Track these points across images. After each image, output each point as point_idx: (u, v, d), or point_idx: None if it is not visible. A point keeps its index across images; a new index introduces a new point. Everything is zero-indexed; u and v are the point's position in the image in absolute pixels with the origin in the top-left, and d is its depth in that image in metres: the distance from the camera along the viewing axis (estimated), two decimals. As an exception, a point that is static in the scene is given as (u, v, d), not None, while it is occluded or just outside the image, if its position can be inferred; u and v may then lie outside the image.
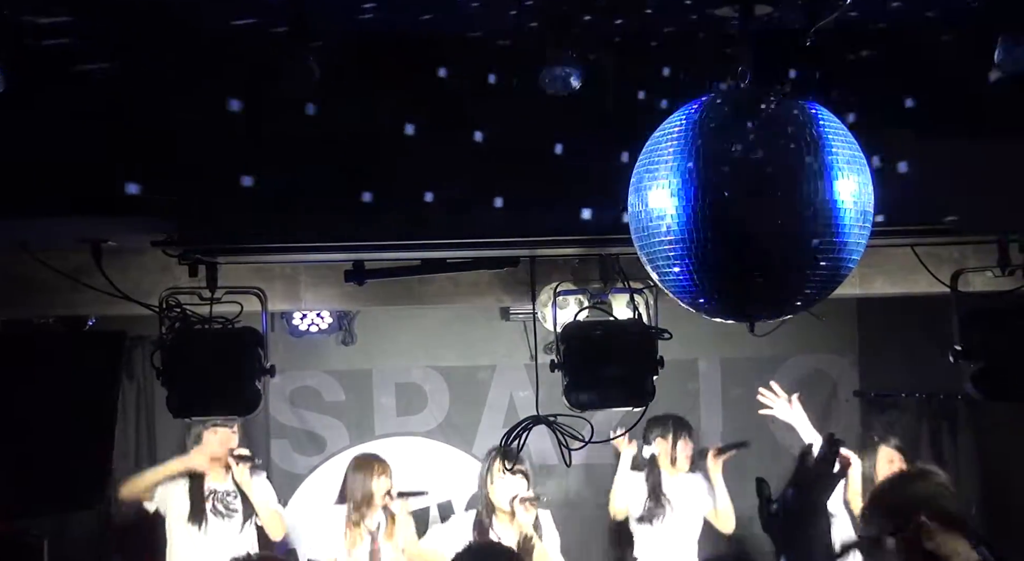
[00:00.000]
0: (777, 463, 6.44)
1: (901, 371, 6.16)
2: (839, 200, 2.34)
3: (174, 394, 3.96)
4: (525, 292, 4.57)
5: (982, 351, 4.02)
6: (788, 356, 6.46)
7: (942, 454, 6.03)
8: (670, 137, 2.44)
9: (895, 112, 3.32)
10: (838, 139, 2.38)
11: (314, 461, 6.38)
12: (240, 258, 4.09)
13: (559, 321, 4.26)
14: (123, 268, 4.12)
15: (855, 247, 2.40)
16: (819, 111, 2.42)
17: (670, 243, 2.43)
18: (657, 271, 2.53)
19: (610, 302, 4.40)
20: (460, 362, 6.44)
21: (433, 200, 3.45)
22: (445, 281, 4.67)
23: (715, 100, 2.44)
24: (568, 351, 4.07)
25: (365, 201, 3.39)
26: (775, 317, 2.59)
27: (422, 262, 4.29)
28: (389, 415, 6.43)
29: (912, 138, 3.35)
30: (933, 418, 6.04)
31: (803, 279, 2.40)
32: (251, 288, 4.13)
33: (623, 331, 4.13)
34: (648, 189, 2.47)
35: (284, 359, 5.83)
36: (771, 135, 2.35)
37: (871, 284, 4.76)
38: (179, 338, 3.94)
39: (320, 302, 4.93)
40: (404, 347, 6.43)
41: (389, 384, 6.45)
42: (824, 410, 6.50)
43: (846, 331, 6.48)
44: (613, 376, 4.06)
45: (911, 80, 3.31)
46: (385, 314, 6.21)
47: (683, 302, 2.53)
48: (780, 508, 2.29)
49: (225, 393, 4.02)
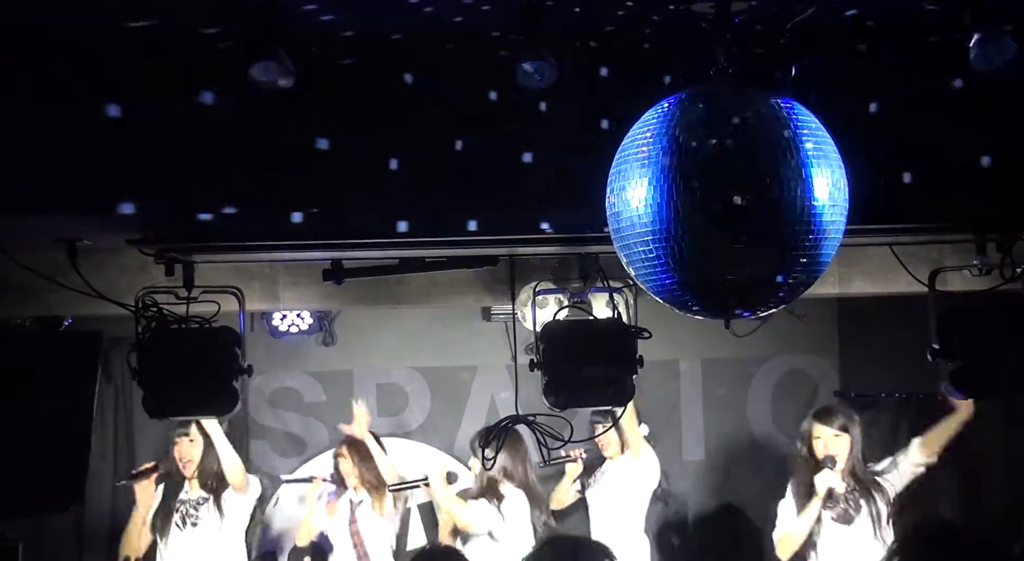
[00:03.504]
0: (757, 463, 6.49)
1: (881, 371, 6.19)
2: (815, 196, 2.35)
3: (151, 394, 3.93)
4: (505, 292, 4.57)
5: (959, 350, 4.03)
6: (769, 357, 6.49)
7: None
8: (646, 134, 2.43)
9: (873, 109, 3.33)
10: (814, 136, 2.39)
11: (294, 462, 6.35)
12: (217, 257, 4.06)
13: (539, 321, 4.26)
14: (99, 267, 4.08)
15: (831, 243, 2.41)
16: (795, 108, 2.42)
17: (648, 241, 2.43)
18: (636, 269, 2.53)
19: (590, 301, 4.40)
20: (441, 363, 6.43)
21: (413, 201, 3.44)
22: (424, 281, 4.66)
23: (691, 97, 2.44)
24: (547, 351, 4.06)
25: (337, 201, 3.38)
26: (753, 314, 2.59)
27: (400, 261, 4.28)
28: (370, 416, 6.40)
29: (889, 135, 3.36)
30: (912, 417, 6.06)
31: (781, 275, 2.40)
32: (228, 287, 4.11)
33: (603, 330, 4.12)
34: (626, 187, 2.47)
35: (264, 360, 5.81)
36: (748, 132, 2.35)
37: (850, 284, 4.78)
38: (155, 338, 3.91)
39: (299, 302, 4.91)
40: (385, 348, 6.42)
41: (370, 385, 6.43)
42: (805, 410, 6.50)
43: (826, 331, 6.51)
44: (593, 376, 4.05)
45: (889, 76, 3.32)
46: (366, 315, 6.19)
47: (662, 300, 2.53)
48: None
49: (202, 393, 3.99)
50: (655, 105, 2.48)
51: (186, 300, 3.92)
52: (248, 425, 6.22)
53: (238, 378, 3.99)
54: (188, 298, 3.92)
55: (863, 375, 6.35)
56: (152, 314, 3.90)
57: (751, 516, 6.38)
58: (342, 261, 4.18)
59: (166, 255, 3.84)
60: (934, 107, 3.35)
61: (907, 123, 3.40)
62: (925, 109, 3.36)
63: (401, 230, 3.53)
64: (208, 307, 3.96)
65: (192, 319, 3.92)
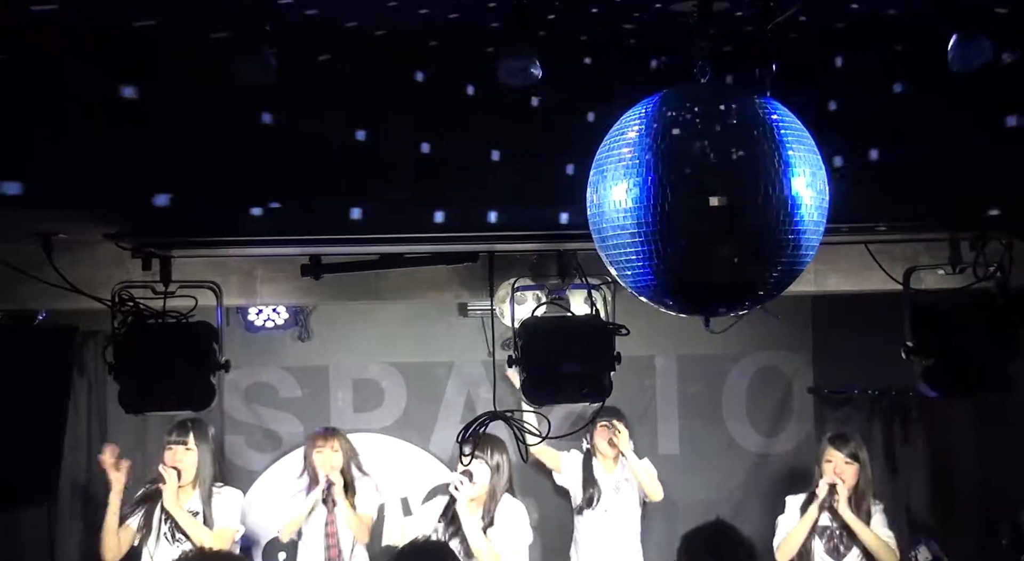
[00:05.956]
0: (732, 459, 6.53)
1: (854, 368, 6.24)
2: (797, 195, 2.36)
3: (126, 389, 3.91)
4: (483, 288, 4.57)
5: (933, 348, 4.08)
6: (744, 353, 6.52)
7: (893, 450, 6.12)
8: (628, 132, 2.44)
9: (851, 110, 3.36)
10: (795, 136, 2.40)
11: (269, 457, 6.33)
12: (194, 252, 4.04)
13: (517, 317, 4.26)
14: (74, 261, 4.05)
15: (812, 242, 2.43)
16: (776, 108, 2.44)
17: (628, 237, 2.43)
18: (615, 265, 2.54)
19: (568, 298, 4.41)
20: (418, 358, 6.42)
21: (389, 197, 3.43)
22: (402, 277, 4.65)
23: (673, 95, 2.45)
24: (525, 347, 4.07)
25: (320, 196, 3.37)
26: (732, 311, 2.60)
27: (379, 257, 4.27)
28: (346, 411, 6.39)
29: (867, 137, 3.39)
30: (885, 414, 6.13)
31: (761, 273, 2.41)
32: (205, 282, 4.09)
33: (580, 327, 4.13)
34: (606, 184, 2.48)
35: (240, 355, 5.77)
36: (729, 130, 2.37)
37: (825, 281, 4.81)
38: (131, 332, 3.88)
39: (276, 297, 4.89)
40: (361, 343, 6.40)
41: (346, 380, 6.41)
42: (779, 407, 6.57)
43: (801, 329, 6.55)
44: (570, 372, 4.07)
45: (866, 76, 3.35)
46: (342, 310, 6.17)
47: (641, 296, 2.54)
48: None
49: (178, 388, 3.98)
50: (637, 104, 2.48)
51: (163, 295, 3.90)
52: (223, 420, 6.18)
53: (215, 373, 3.98)
54: (165, 292, 3.90)
55: (837, 372, 6.40)
56: (128, 308, 3.87)
57: (725, 511, 6.42)
58: (320, 256, 4.17)
59: (143, 249, 3.82)
60: (910, 107, 3.38)
61: (883, 122, 3.43)
62: (901, 108, 3.39)
63: (378, 224, 3.52)
64: (185, 302, 3.94)
65: (169, 314, 3.90)
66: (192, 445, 5.30)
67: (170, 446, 5.30)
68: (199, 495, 5.33)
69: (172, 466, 5.24)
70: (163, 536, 5.25)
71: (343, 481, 5.53)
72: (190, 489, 5.33)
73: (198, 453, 5.32)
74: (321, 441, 5.59)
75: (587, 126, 3.23)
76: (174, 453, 5.28)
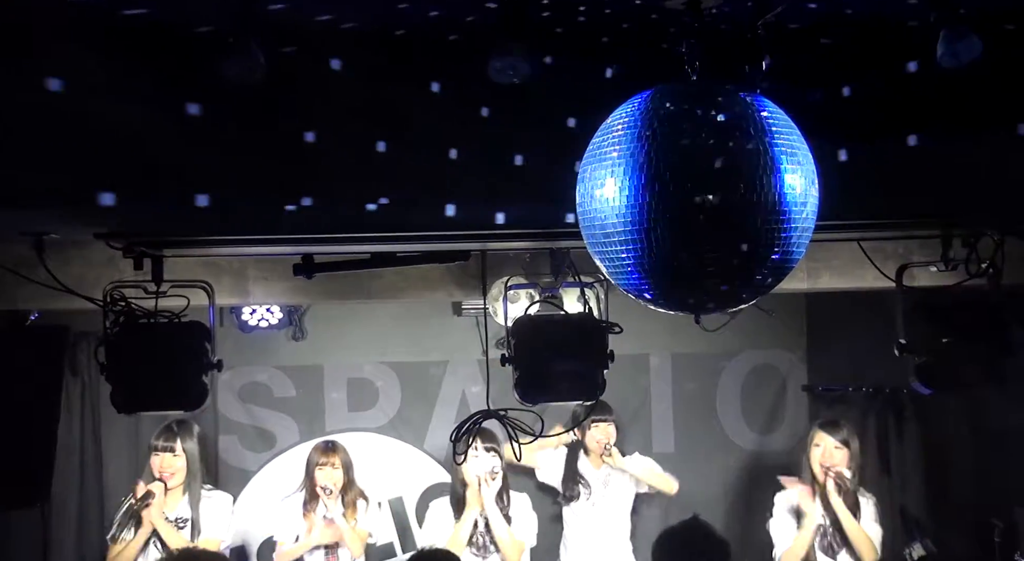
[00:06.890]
0: (726, 456, 6.54)
1: (848, 365, 6.25)
2: (787, 192, 2.36)
3: (119, 389, 3.91)
4: (476, 286, 4.56)
5: (926, 345, 4.08)
6: (738, 351, 6.53)
7: (887, 447, 6.12)
8: (618, 129, 2.43)
9: (842, 107, 3.35)
10: (785, 133, 2.40)
11: (263, 457, 6.32)
12: (186, 251, 4.03)
13: (510, 315, 4.26)
14: (66, 262, 4.05)
15: (802, 238, 2.42)
16: (766, 105, 2.43)
17: (619, 235, 2.43)
18: (606, 263, 2.53)
19: (561, 296, 4.40)
20: (412, 358, 6.42)
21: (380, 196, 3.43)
22: (395, 275, 4.65)
23: (663, 92, 2.44)
24: (519, 345, 4.07)
25: (312, 195, 3.36)
26: (724, 309, 2.60)
27: (372, 256, 4.26)
28: (340, 411, 6.38)
29: (857, 131, 3.38)
30: (879, 412, 6.13)
31: (752, 270, 2.41)
32: (198, 281, 4.08)
33: (574, 325, 4.13)
34: (596, 181, 2.47)
35: (233, 354, 5.77)
36: (719, 127, 2.36)
37: (818, 279, 4.82)
38: (124, 332, 3.88)
39: (269, 296, 4.88)
40: (355, 342, 6.39)
41: (340, 380, 6.40)
42: (773, 405, 6.58)
43: (794, 326, 6.56)
44: (564, 370, 4.06)
45: (856, 71, 3.35)
46: (336, 309, 6.16)
47: (632, 294, 2.54)
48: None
49: (171, 388, 3.97)
50: (626, 102, 2.48)
51: (155, 294, 3.89)
52: (217, 420, 6.17)
53: (208, 373, 3.97)
54: (157, 292, 3.89)
55: (830, 369, 6.41)
56: (120, 308, 3.87)
57: (720, 508, 6.43)
58: (312, 256, 4.16)
59: (135, 249, 3.81)
60: (902, 103, 3.38)
61: (875, 119, 3.43)
62: (893, 105, 3.39)
63: (370, 223, 3.51)
64: (177, 301, 3.93)
65: (161, 313, 3.89)
66: (180, 451, 5.21)
67: (157, 453, 5.21)
68: (188, 500, 5.26)
69: (159, 477, 5.16)
70: (152, 545, 5.18)
71: (342, 498, 5.44)
72: (179, 493, 5.26)
73: (186, 457, 5.24)
74: (323, 458, 5.47)
75: (577, 124, 3.23)
76: (161, 460, 5.19)
